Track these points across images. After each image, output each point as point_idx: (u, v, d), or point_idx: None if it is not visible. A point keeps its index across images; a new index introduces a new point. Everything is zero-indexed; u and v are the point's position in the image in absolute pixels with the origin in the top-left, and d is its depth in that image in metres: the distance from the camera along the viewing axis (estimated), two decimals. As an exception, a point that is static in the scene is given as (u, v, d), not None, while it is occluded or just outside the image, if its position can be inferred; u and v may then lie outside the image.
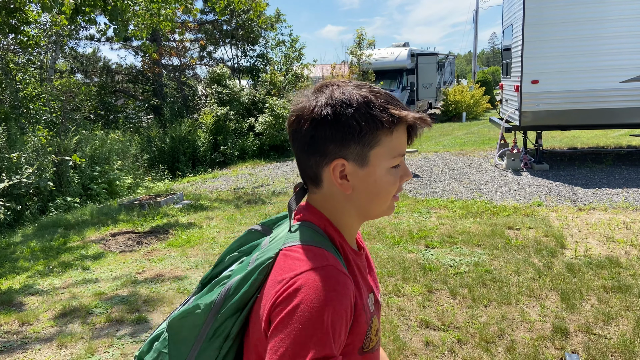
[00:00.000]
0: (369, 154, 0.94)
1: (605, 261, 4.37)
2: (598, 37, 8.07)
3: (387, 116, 0.93)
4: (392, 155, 0.95)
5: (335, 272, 0.86)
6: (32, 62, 11.37)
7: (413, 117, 0.96)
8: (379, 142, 0.94)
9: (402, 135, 0.97)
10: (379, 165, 0.95)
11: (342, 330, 0.84)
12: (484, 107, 21.36)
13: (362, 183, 0.96)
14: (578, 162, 9.33)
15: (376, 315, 0.99)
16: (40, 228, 6.84)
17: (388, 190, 0.97)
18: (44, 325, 3.80)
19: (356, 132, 0.92)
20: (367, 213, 1.00)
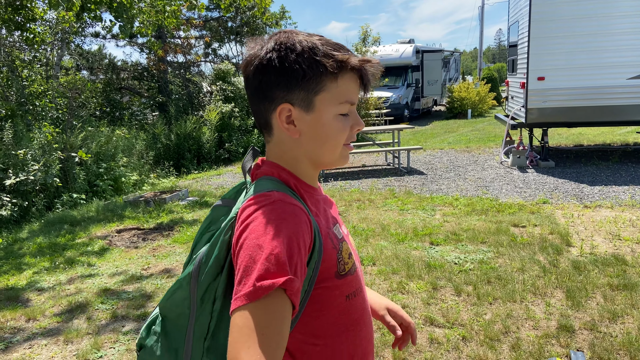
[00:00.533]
0: (314, 99, 0.96)
1: (611, 259, 4.35)
2: (605, 34, 8.01)
3: (331, 61, 0.94)
4: (338, 101, 0.96)
5: (281, 205, 0.89)
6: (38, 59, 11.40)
7: (357, 60, 0.96)
8: (324, 88, 0.95)
9: (349, 82, 0.97)
10: (325, 110, 0.96)
11: (300, 252, 0.85)
12: (490, 104, 21.26)
13: (309, 128, 0.98)
14: (584, 159, 9.28)
15: (346, 241, 1.04)
16: (47, 224, 6.88)
17: (336, 137, 0.99)
18: (50, 320, 3.83)
19: (300, 77, 0.94)
20: (319, 159, 1.02)
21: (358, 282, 1.05)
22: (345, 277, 1.00)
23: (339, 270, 0.98)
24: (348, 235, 1.10)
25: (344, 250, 1.01)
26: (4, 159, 7.87)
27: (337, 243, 1.00)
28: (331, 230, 1.01)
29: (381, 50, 18.53)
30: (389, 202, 6.87)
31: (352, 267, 1.02)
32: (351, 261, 1.02)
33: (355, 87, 0.98)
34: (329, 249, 0.97)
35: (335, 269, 0.98)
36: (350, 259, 1.02)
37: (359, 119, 1.02)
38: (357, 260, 1.09)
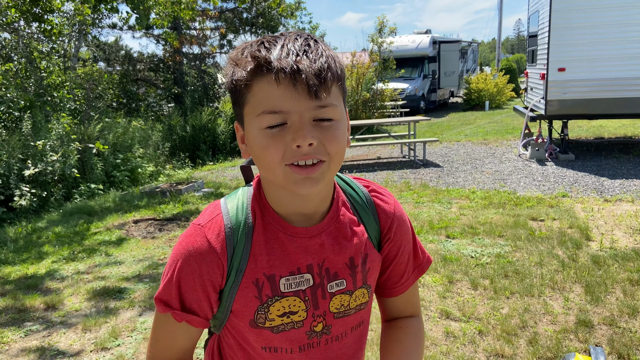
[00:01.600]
0: (242, 114, 0.86)
1: (631, 253, 4.26)
2: (627, 24, 7.81)
3: (239, 69, 0.82)
4: (256, 112, 0.81)
5: (194, 235, 0.91)
6: (55, 50, 11.52)
7: (266, 59, 0.79)
8: (245, 100, 0.83)
9: (268, 88, 0.79)
10: (251, 126, 0.83)
11: (194, 285, 0.90)
12: (508, 95, 20.98)
13: (249, 147, 0.87)
14: (605, 152, 9.11)
15: (297, 296, 0.93)
16: (65, 214, 6.98)
17: (263, 155, 0.82)
18: (69, 309, 3.88)
19: (230, 93, 0.88)
20: (273, 181, 0.88)
21: (287, 342, 0.96)
22: (262, 330, 0.94)
23: (255, 320, 0.93)
24: (319, 290, 0.95)
25: (274, 306, 0.92)
26: (23, 149, 7.99)
27: (268, 296, 0.91)
28: (270, 279, 0.91)
29: (397, 41, 18.35)
30: (405, 195, 6.82)
31: (281, 327, 0.94)
32: (282, 320, 0.93)
33: (278, 91, 0.78)
34: (247, 295, 0.91)
35: (252, 318, 0.93)
36: (282, 320, 0.93)
37: (299, 131, 0.78)
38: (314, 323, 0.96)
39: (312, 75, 0.78)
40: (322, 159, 0.82)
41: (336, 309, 0.97)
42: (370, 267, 0.99)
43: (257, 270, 0.91)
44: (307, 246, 0.92)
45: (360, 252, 0.96)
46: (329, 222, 0.94)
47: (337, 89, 0.84)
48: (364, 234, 0.97)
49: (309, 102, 0.79)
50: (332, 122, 0.82)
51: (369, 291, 1.01)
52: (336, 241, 0.94)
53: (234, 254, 0.90)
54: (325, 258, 0.94)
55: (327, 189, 0.94)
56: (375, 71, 15.50)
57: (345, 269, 0.95)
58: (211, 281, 0.90)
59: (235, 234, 0.91)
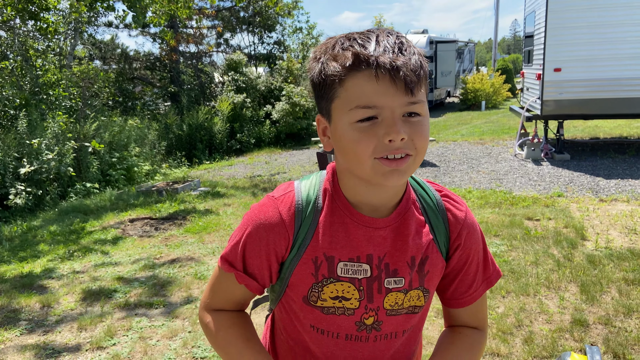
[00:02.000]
0: (330, 108, 0.88)
1: (626, 253, 4.28)
2: (623, 24, 7.85)
3: (334, 64, 0.84)
4: (348, 107, 0.83)
5: (267, 205, 0.97)
6: (51, 48, 11.47)
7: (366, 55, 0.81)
8: (336, 94, 0.86)
9: (363, 83, 0.82)
10: (340, 119, 0.86)
11: (259, 246, 0.95)
12: (504, 95, 21.03)
13: (334, 140, 0.91)
14: (600, 152, 9.14)
15: (352, 284, 0.95)
16: (60, 213, 6.95)
17: (353, 149, 0.84)
18: (65, 308, 3.87)
19: (317, 87, 0.90)
20: (354, 173, 0.91)
21: (334, 326, 0.98)
22: (313, 308, 0.97)
23: (308, 297, 0.96)
24: (384, 288, 0.96)
25: (328, 287, 0.95)
26: (19, 147, 7.95)
27: (322, 276, 0.94)
28: (329, 259, 0.94)
29: (394, 40, 18.34)
30: (401, 194, 6.83)
31: (332, 309, 0.96)
32: (334, 303, 0.96)
33: (374, 87, 0.81)
34: (305, 270, 0.95)
35: (305, 294, 0.97)
36: (334, 302, 0.95)
37: (392, 126, 0.81)
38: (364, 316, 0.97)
39: (410, 72, 0.81)
40: (410, 153, 0.85)
41: (390, 306, 0.97)
42: (430, 271, 0.98)
43: (317, 249, 0.94)
44: (371, 236, 0.94)
45: (422, 252, 0.97)
46: (396, 217, 0.96)
47: (425, 86, 0.88)
48: (428, 236, 0.98)
49: (403, 98, 0.82)
50: (420, 117, 0.85)
51: (425, 295, 0.99)
52: (400, 237, 0.96)
53: (300, 229, 0.95)
54: (387, 252, 0.95)
55: (401, 185, 0.96)
56: (372, 70, 15.49)
57: (406, 267, 0.96)
58: (275, 251, 0.96)
59: (304, 211, 0.95)
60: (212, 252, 4.99)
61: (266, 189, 7.76)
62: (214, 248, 5.09)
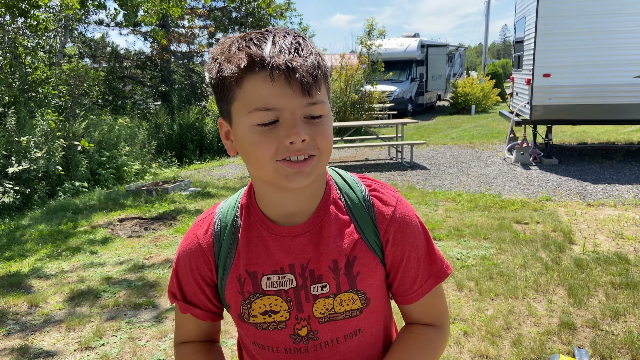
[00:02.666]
0: (230, 111, 0.86)
1: (613, 257, 4.34)
2: (612, 31, 7.95)
3: (230, 65, 0.81)
4: (247, 109, 0.81)
5: (188, 233, 1.01)
6: (41, 45, 11.37)
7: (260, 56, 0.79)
8: (234, 96, 0.83)
9: (258, 85, 0.79)
10: (240, 122, 0.84)
11: (188, 279, 1.00)
12: (494, 100, 21.20)
13: (236, 143, 0.88)
14: (588, 157, 9.25)
15: (279, 296, 0.93)
16: (49, 212, 6.89)
17: (254, 152, 0.83)
18: (53, 307, 3.84)
19: (215, 89, 0.87)
20: (260, 177, 0.90)
21: (271, 341, 0.97)
22: (248, 325, 0.97)
23: (241, 314, 0.96)
24: (311, 295, 0.93)
25: (256, 303, 0.94)
26: (7, 145, 7.87)
27: (247, 291, 0.94)
28: (251, 275, 0.93)
29: (386, 43, 18.42)
30: (392, 196, 6.85)
31: (264, 324, 0.95)
32: (264, 318, 0.95)
33: (270, 89, 0.79)
34: (232, 290, 0.96)
35: (239, 312, 0.97)
36: (264, 318, 0.94)
37: (291, 128, 0.80)
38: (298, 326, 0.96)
39: (306, 73, 0.79)
40: (313, 154, 0.83)
41: (320, 313, 0.94)
42: (361, 272, 0.94)
43: (240, 267, 0.94)
44: (289, 246, 0.93)
45: (346, 254, 0.93)
46: (312, 223, 0.93)
47: (325, 86, 0.85)
48: (354, 235, 0.94)
49: (301, 100, 0.80)
50: (322, 118, 0.84)
51: (360, 297, 0.95)
52: (321, 241, 0.93)
53: (221, 250, 0.96)
54: (310, 259, 0.93)
55: (315, 187, 0.93)
56: (364, 73, 15.55)
57: (329, 271, 0.93)
58: (201, 275, 0.98)
59: (222, 232, 0.96)
60: (202, 252, 4.97)
61: (257, 190, 7.74)
62: (204, 249, 5.07)
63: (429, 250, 1.01)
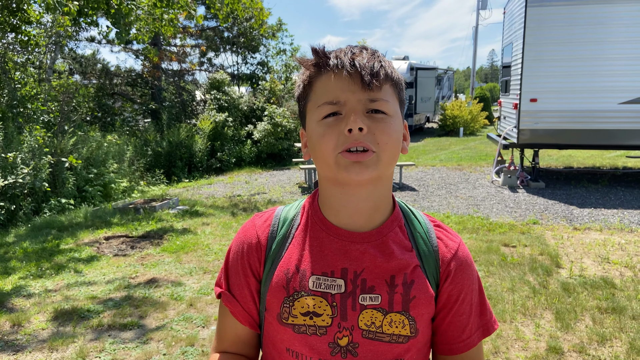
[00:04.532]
0: (305, 114, 0.93)
1: (600, 282, 4.37)
2: (598, 58, 8.15)
3: (302, 72, 0.92)
4: (316, 105, 0.88)
5: (247, 222, 1.03)
6: (31, 61, 11.33)
7: (324, 59, 0.88)
8: (308, 98, 0.92)
9: (327, 82, 0.87)
10: (311, 120, 0.90)
11: (237, 262, 0.99)
12: (482, 123, 21.48)
13: (308, 145, 0.94)
14: (574, 181, 9.37)
15: (324, 299, 0.90)
16: (34, 229, 6.79)
17: (319, 144, 0.87)
18: (36, 327, 3.76)
19: (298, 100, 0.96)
20: (326, 177, 0.92)
21: (307, 348, 0.92)
22: (286, 327, 0.92)
23: (280, 315, 0.93)
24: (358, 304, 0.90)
25: (298, 303, 0.91)
26: (-7, 161, 7.77)
27: (293, 287, 0.92)
28: (300, 272, 0.92)
29: (376, 65, 18.64)
30: (380, 218, 6.86)
31: (303, 328, 0.91)
32: (302, 321, 0.91)
33: (335, 83, 0.86)
34: (277, 284, 0.94)
35: (278, 311, 0.93)
36: (304, 319, 0.91)
37: (351, 116, 0.84)
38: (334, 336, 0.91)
39: (367, 69, 0.85)
40: (372, 149, 0.84)
41: (366, 325, 0.89)
42: (417, 297, 0.91)
43: (290, 262, 0.94)
44: (347, 250, 0.92)
45: (405, 273, 0.91)
46: (376, 234, 0.93)
47: (391, 89, 0.89)
48: (413, 260, 0.93)
49: (362, 94, 0.85)
50: (385, 115, 0.86)
51: (411, 324, 0.90)
52: (380, 254, 0.92)
53: (275, 244, 0.97)
54: (365, 268, 0.91)
55: (377, 197, 0.92)
56: (354, 94, 15.68)
57: (384, 284, 0.90)
58: (249, 264, 0.97)
59: (280, 226, 0.98)
60: (189, 272, 4.92)
61: (246, 209, 7.72)
62: (191, 268, 5.02)
63: (482, 300, 0.99)
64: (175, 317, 3.91)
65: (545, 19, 8.22)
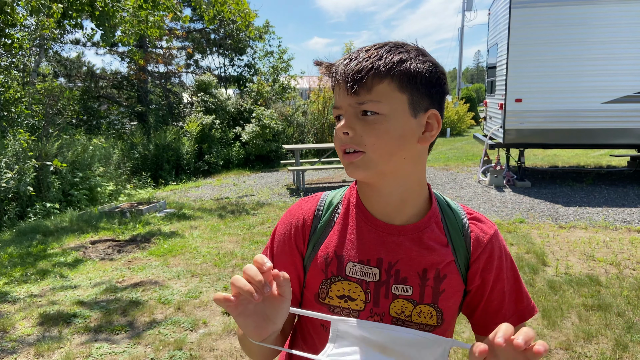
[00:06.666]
0: None
1: (585, 279, 4.42)
2: (581, 59, 8.26)
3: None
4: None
5: (294, 205, 1.09)
6: (15, 64, 11.19)
7: (325, 69, 0.97)
8: None
9: (338, 90, 0.94)
10: None
11: (283, 240, 1.04)
12: (468, 123, 21.65)
13: None
14: (559, 180, 9.47)
15: (359, 285, 0.96)
16: (18, 234, 6.70)
17: (335, 144, 0.97)
18: (21, 333, 3.71)
19: None
20: None
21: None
22: (323, 307, 0.99)
23: (318, 294, 0.99)
24: (391, 293, 0.96)
25: (335, 285, 0.98)
26: (-24, 165, 7.66)
27: (331, 271, 0.98)
28: (339, 258, 0.98)
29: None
30: (369, 218, 6.87)
31: (338, 309, 0.98)
32: (338, 303, 0.97)
33: (337, 90, 0.94)
34: (316, 267, 1.00)
35: (316, 291, 1.00)
36: (339, 302, 0.97)
37: (343, 120, 0.92)
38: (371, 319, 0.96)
39: (351, 75, 0.89)
40: (359, 149, 0.90)
41: (396, 313, 0.95)
42: (446, 290, 0.96)
43: (330, 247, 1.00)
44: (384, 241, 0.97)
45: (437, 268, 0.96)
46: (414, 229, 0.98)
47: (391, 85, 0.89)
48: (447, 255, 0.97)
49: (350, 98, 0.91)
50: (377, 116, 0.89)
51: (438, 315, 0.96)
52: (415, 248, 0.96)
53: (318, 228, 1.02)
54: (399, 259, 0.96)
55: (401, 192, 0.97)
56: (342, 96, 15.72)
57: (416, 277, 0.96)
58: (296, 243, 1.03)
59: (324, 212, 1.04)
60: (177, 275, 4.89)
61: (234, 212, 7.69)
62: (178, 272, 4.99)
63: (517, 287, 1.03)
64: (163, 320, 3.88)
65: (530, 19, 8.31)
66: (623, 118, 8.27)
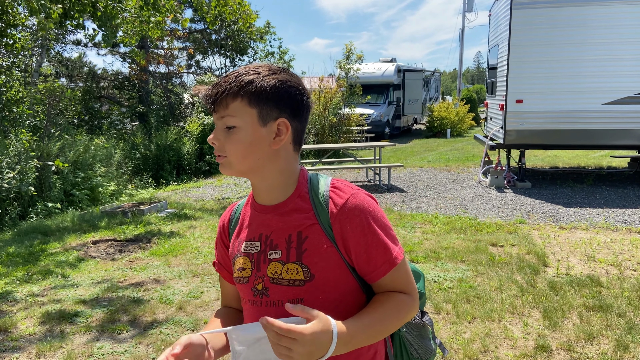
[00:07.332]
0: None
1: (586, 280, 4.43)
2: (581, 60, 8.26)
3: None
4: None
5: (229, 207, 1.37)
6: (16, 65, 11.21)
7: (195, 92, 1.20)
8: None
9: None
10: None
11: (217, 245, 1.37)
12: (468, 124, 21.64)
13: None
14: (560, 181, 9.48)
15: (247, 257, 1.22)
16: (20, 233, 6.71)
17: None
18: (22, 333, 3.72)
19: None
20: None
21: (243, 292, 1.24)
22: (235, 280, 1.26)
23: (233, 272, 1.27)
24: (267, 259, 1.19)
25: (237, 261, 1.25)
26: (-22, 165, 7.68)
27: (234, 252, 1.27)
28: (240, 241, 1.26)
29: (364, 68, 18.73)
30: (370, 219, 6.88)
31: (238, 280, 1.24)
32: (241, 274, 1.23)
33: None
34: (231, 252, 1.29)
35: (232, 270, 1.28)
36: (241, 274, 1.23)
37: (213, 132, 1.16)
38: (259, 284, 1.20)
39: (211, 97, 1.12)
40: (223, 155, 1.14)
41: (271, 274, 1.17)
42: (309, 249, 1.14)
43: (240, 234, 1.27)
44: (263, 219, 1.22)
45: (299, 232, 1.16)
46: (281, 206, 1.20)
47: (244, 101, 1.10)
48: (310, 220, 1.16)
49: (215, 115, 1.14)
50: (234, 128, 1.12)
51: (304, 270, 1.14)
52: (282, 219, 1.19)
53: (231, 226, 1.31)
54: (272, 231, 1.19)
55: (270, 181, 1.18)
56: (342, 96, 15.75)
57: (284, 242, 1.17)
58: (223, 244, 1.34)
59: (235, 213, 1.32)
60: (178, 275, 4.90)
61: (235, 212, 7.68)
62: (180, 271, 5.00)
63: (378, 240, 1.15)
64: (165, 320, 3.89)
65: (531, 20, 8.32)
66: (623, 119, 8.27)
